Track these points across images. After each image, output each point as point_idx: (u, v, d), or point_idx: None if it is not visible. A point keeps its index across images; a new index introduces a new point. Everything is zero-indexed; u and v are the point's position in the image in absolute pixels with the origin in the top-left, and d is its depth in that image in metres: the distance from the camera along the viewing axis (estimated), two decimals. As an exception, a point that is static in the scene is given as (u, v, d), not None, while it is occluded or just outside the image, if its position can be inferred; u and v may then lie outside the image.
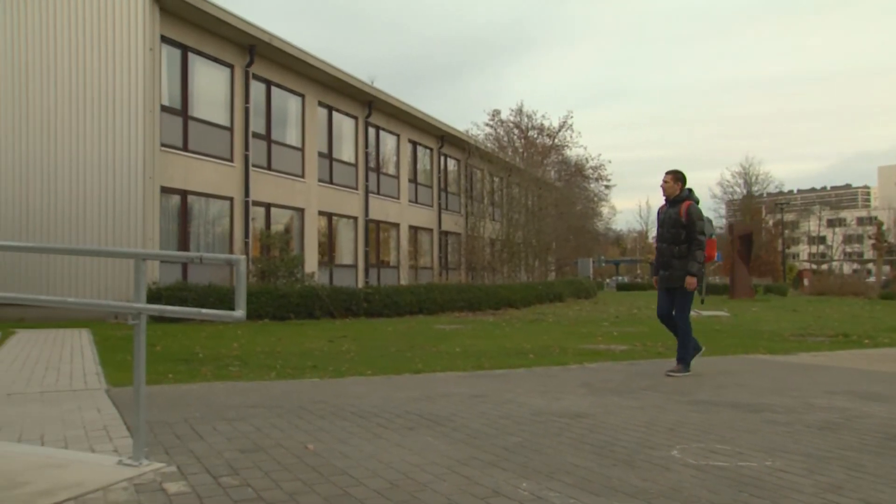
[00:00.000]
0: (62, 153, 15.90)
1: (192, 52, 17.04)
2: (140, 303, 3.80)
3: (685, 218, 7.39)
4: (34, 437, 4.48)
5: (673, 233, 7.47)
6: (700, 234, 7.35)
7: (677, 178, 7.59)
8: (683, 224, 7.40)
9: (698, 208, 7.46)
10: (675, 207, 7.49)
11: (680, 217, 7.41)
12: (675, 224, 7.46)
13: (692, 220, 7.36)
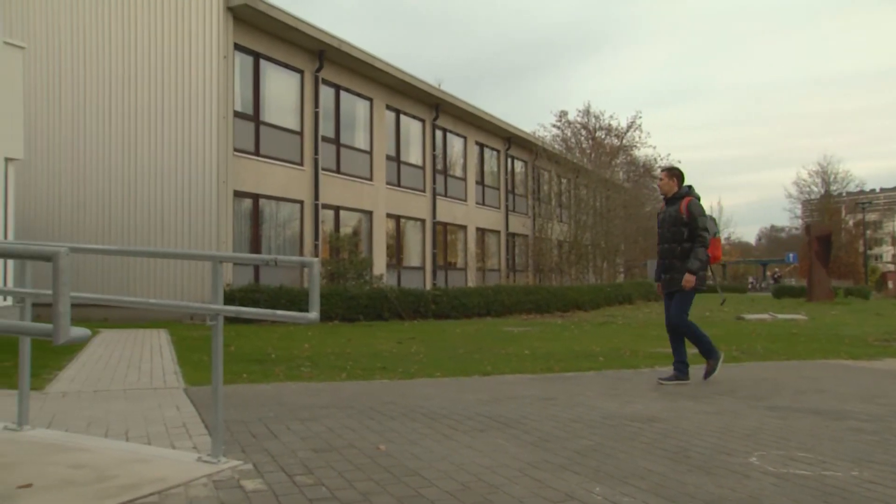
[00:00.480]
0: (142, 160, 16.45)
1: (264, 59, 17.42)
2: (217, 304, 3.90)
3: (686, 214, 6.94)
4: (119, 433, 4.64)
5: (674, 231, 7.03)
6: (703, 230, 6.89)
7: (672, 174, 7.20)
8: (685, 221, 6.95)
9: (700, 204, 7.01)
10: (675, 205, 7.06)
11: (680, 214, 6.97)
12: (675, 222, 7.02)
13: (693, 217, 6.90)
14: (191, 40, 16.07)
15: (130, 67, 16.67)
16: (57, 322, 2.47)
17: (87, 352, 9.24)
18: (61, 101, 17.52)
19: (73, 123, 17.32)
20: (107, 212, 16.83)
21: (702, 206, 7.00)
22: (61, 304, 2.48)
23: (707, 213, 7.04)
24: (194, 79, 15.98)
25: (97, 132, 17.01)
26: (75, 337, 2.54)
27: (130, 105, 16.65)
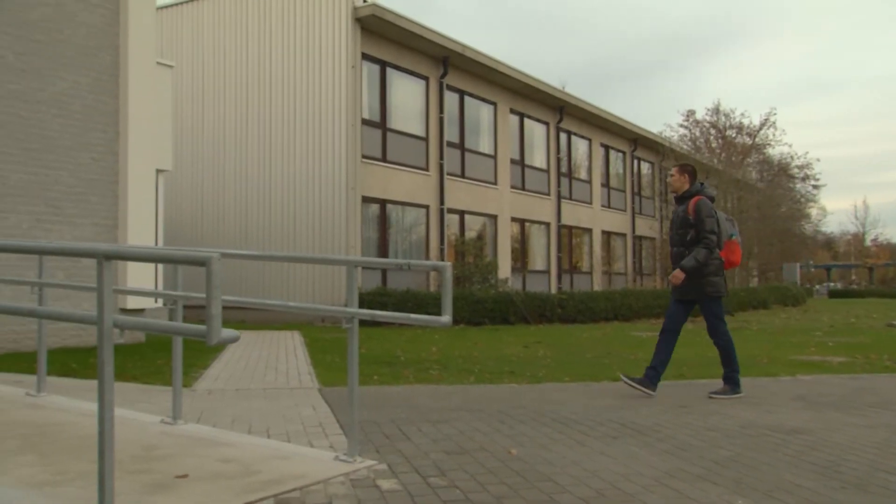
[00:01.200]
0: (276, 169, 17.19)
1: (390, 67, 17.82)
2: (353, 307, 4.01)
3: (693, 215, 6.41)
4: (261, 430, 4.86)
5: (681, 233, 6.52)
6: (710, 232, 6.31)
7: (683, 170, 6.67)
8: (691, 223, 6.43)
9: (709, 204, 6.43)
10: (684, 205, 6.55)
11: (688, 215, 6.46)
12: (682, 223, 6.51)
13: (700, 218, 6.35)
14: (321, 52, 16.65)
15: (266, 81, 17.45)
16: (210, 324, 2.61)
17: (229, 352, 9.72)
18: (204, 116, 18.56)
19: (213, 136, 18.32)
20: (244, 219, 17.68)
21: (712, 207, 6.45)
22: (213, 307, 2.61)
23: (723, 215, 6.61)
24: (324, 89, 16.55)
25: (235, 143, 17.90)
26: (226, 338, 2.67)
27: (266, 117, 17.43)
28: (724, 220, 6.56)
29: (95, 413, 4.74)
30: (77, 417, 4.74)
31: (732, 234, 6.59)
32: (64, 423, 4.57)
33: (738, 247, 6.62)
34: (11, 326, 9.37)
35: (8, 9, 9.50)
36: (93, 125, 10.45)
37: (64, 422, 4.62)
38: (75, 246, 3.20)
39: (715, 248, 6.38)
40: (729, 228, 6.57)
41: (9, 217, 9.49)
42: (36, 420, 4.61)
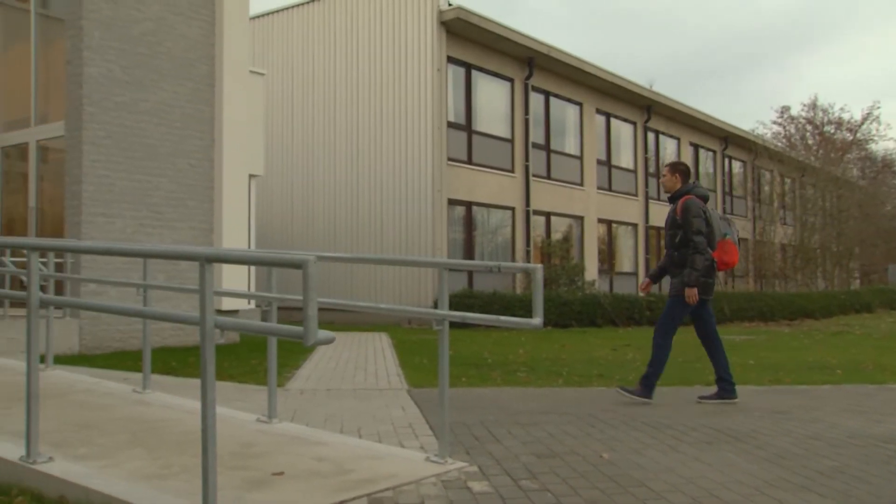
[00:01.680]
0: (363, 173, 17.46)
1: (475, 70, 17.86)
2: (444, 309, 4.03)
3: (680, 216, 6.20)
4: (353, 430, 4.94)
5: (671, 235, 6.34)
6: (696, 233, 6.07)
7: (675, 169, 6.46)
8: (679, 223, 6.23)
9: (698, 203, 6.18)
10: (675, 205, 6.36)
11: (676, 216, 6.26)
12: (672, 224, 6.33)
13: (687, 219, 6.13)
14: (407, 56, 16.84)
15: (353, 87, 17.76)
16: (307, 325, 2.67)
17: (319, 353, 9.92)
18: (293, 121, 19.03)
19: (303, 141, 18.76)
20: (332, 222, 18.03)
21: (700, 206, 6.19)
22: (310, 308, 2.67)
23: (717, 213, 6.35)
24: (411, 93, 16.72)
25: (324, 148, 18.28)
26: (322, 339, 2.73)
27: (353, 121, 17.73)
28: (718, 219, 6.36)
29: (196, 410, 4.92)
30: (179, 414, 4.93)
31: (726, 233, 6.33)
32: (167, 420, 4.76)
33: (733, 246, 6.33)
34: (118, 326, 9.82)
35: (115, 25, 9.97)
36: (190, 133, 10.86)
37: (167, 418, 4.81)
38: (178, 249, 3.34)
39: (704, 249, 6.16)
40: (723, 228, 6.34)
41: (115, 222, 9.96)
42: (142, 416, 4.82)
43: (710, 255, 6.22)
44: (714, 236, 6.25)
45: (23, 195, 11.21)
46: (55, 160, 10.81)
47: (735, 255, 6.34)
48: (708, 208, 6.29)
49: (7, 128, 11.26)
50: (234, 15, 11.39)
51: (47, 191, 10.98)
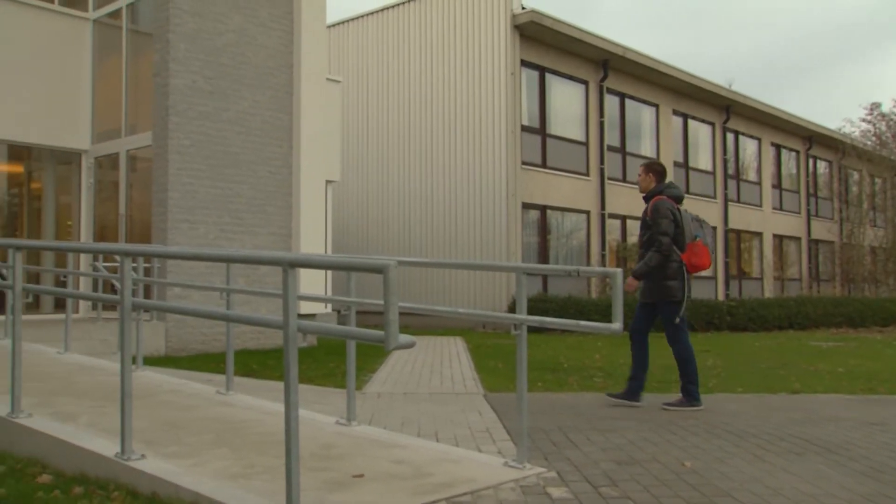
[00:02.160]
0: (437, 178, 17.57)
1: (549, 73, 17.76)
2: (522, 314, 4.02)
3: (650, 216, 6.18)
4: (430, 434, 4.97)
5: (641, 235, 6.34)
6: (662, 234, 6.03)
7: (649, 169, 6.45)
8: (649, 224, 6.18)
9: (667, 204, 6.14)
10: (647, 205, 6.31)
11: (647, 216, 6.23)
12: (643, 225, 6.31)
13: (655, 219, 6.10)
14: (480, 61, 16.87)
15: (427, 92, 17.89)
16: (388, 329, 2.70)
17: (395, 357, 10.01)
18: (368, 128, 19.29)
19: (378, 147, 18.99)
20: (406, 226, 18.18)
21: (670, 207, 6.15)
22: (391, 313, 2.71)
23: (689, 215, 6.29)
24: (484, 97, 16.75)
25: (398, 153, 18.47)
26: (403, 343, 2.75)
27: (427, 126, 17.86)
28: (690, 221, 6.26)
29: (277, 412, 5.03)
30: (260, 415, 5.04)
31: (697, 235, 6.24)
32: (249, 420, 4.88)
33: (703, 249, 6.24)
34: (201, 329, 10.13)
35: (199, 38, 10.31)
36: (270, 140, 11.13)
37: (249, 419, 4.93)
38: (262, 254, 3.42)
39: (670, 250, 6.09)
40: (694, 229, 6.24)
41: (199, 227, 10.28)
42: (226, 416, 4.96)
43: (678, 256, 6.18)
44: (684, 238, 6.21)
45: (114, 203, 11.68)
46: (143, 169, 11.23)
47: (706, 257, 6.26)
48: (680, 209, 6.28)
49: (100, 139, 11.76)
50: (311, 24, 11.62)
51: (136, 198, 11.42)
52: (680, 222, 6.19)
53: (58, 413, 4.64)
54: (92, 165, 11.85)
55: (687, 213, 6.33)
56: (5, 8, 11.19)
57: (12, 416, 4.39)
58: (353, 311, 4.88)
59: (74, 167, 11.98)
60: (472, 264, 5.82)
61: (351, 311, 4.87)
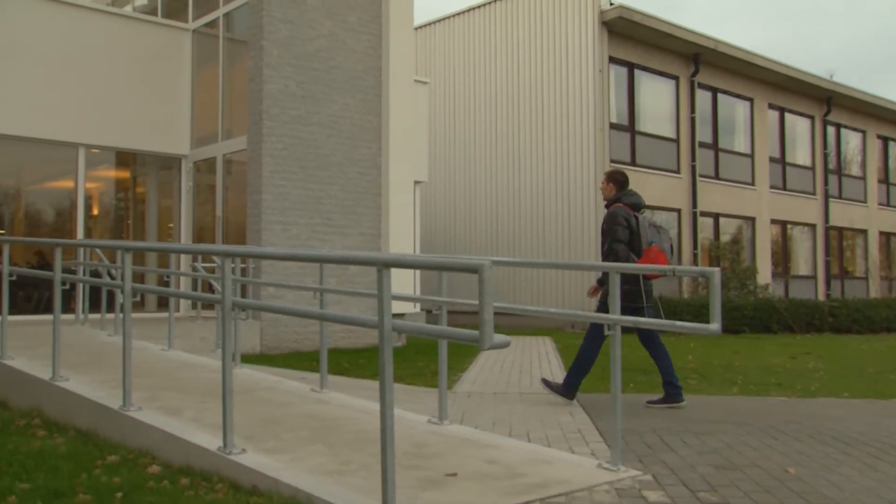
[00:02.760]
0: (524, 176, 17.49)
1: (638, 69, 17.43)
2: (616, 314, 3.95)
3: (605, 224, 6.34)
4: (521, 434, 4.95)
5: (602, 243, 6.40)
6: (616, 241, 6.16)
7: (610, 178, 6.56)
8: (605, 231, 6.33)
9: (621, 212, 6.26)
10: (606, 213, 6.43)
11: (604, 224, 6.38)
12: (602, 232, 6.42)
13: (610, 227, 6.26)
14: (567, 59, 16.71)
15: (514, 91, 17.84)
16: (483, 329, 2.71)
17: (483, 356, 10.02)
18: (455, 128, 19.38)
19: (465, 146, 19.05)
20: (494, 226, 18.18)
21: (625, 215, 6.26)
22: (486, 313, 2.71)
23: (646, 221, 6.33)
24: (572, 95, 16.58)
25: (485, 153, 18.48)
26: (497, 343, 2.76)
27: (514, 126, 17.81)
28: (647, 227, 6.32)
29: (370, 410, 5.11)
30: (355, 413, 5.13)
31: (653, 241, 6.30)
32: (344, 418, 4.97)
33: (659, 254, 6.28)
34: (294, 328, 10.39)
35: (291, 44, 10.59)
36: (359, 142, 11.32)
37: (344, 416, 5.02)
38: (357, 255, 3.48)
39: (627, 257, 6.22)
40: (650, 235, 6.30)
41: (291, 228, 10.55)
42: (321, 414, 5.06)
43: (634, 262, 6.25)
44: (640, 244, 6.27)
45: (211, 205, 12.11)
46: (238, 172, 11.60)
47: (661, 261, 6.30)
48: (637, 216, 6.33)
49: (198, 144, 12.22)
50: (399, 27, 11.76)
51: (231, 201, 11.81)
52: (636, 229, 6.28)
53: (164, 407, 4.84)
54: (191, 170, 12.32)
55: (644, 219, 6.38)
56: (112, 23, 11.77)
57: (124, 409, 4.60)
58: (444, 310, 4.91)
59: (175, 172, 12.47)
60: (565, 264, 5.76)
61: (442, 310, 4.90)
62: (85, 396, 5.01)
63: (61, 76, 10.94)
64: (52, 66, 10.88)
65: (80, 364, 6.25)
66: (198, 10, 12.54)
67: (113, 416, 4.65)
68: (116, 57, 11.47)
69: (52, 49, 10.91)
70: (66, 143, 11.14)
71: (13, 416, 5.28)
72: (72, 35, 11.14)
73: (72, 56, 11.08)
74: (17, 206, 11.82)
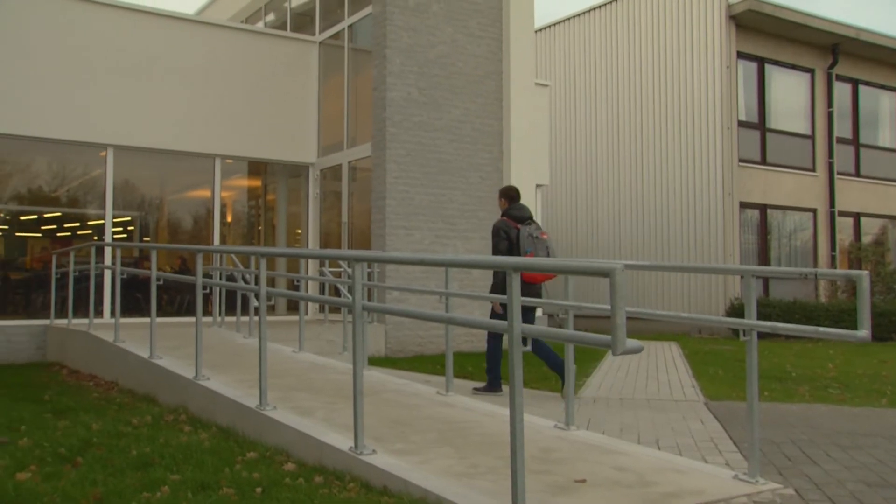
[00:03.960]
0: (648, 178, 17.07)
1: (769, 63, 16.68)
2: (752, 319, 3.79)
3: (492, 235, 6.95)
4: (650, 441, 4.82)
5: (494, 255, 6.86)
6: (497, 252, 6.75)
7: (502, 194, 7.23)
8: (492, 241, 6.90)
9: (501, 225, 6.87)
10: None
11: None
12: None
13: (492, 239, 6.88)
14: (692, 56, 16.19)
15: (636, 91, 17.46)
16: (615, 334, 2.65)
17: (607, 361, 9.84)
18: (576, 130, 19.15)
19: (586, 149, 18.79)
20: (616, 228, 17.83)
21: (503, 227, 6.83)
22: (618, 317, 2.65)
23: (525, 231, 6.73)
24: (697, 93, 16.05)
25: (607, 155, 18.16)
26: (630, 348, 2.69)
27: (636, 126, 17.42)
28: (525, 238, 6.72)
29: (496, 414, 5.12)
30: (480, 417, 5.15)
31: (528, 249, 6.69)
32: (470, 421, 5.00)
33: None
34: (418, 332, 10.55)
35: (414, 52, 10.78)
36: (480, 147, 11.38)
37: (470, 420, 5.05)
38: (485, 259, 3.50)
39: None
40: (527, 245, 6.69)
41: (414, 233, 10.72)
42: (447, 417, 5.11)
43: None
44: (519, 253, 6.69)
45: (336, 211, 12.48)
46: (362, 178, 11.90)
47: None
48: (519, 228, 6.79)
49: (325, 152, 12.63)
50: (519, 31, 11.75)
51: (356, 207, 12.13)
52: (514, 240, 6.75)
53: (297, 407, 5.01)
54: (318, 177, 12.74)
55: (525, 230, 6.80)
56: (246, 39, 12.36)
57: (261, 409, 4.81)
58: (570, 314, 4.86)
59: (303, 179, 12.94)
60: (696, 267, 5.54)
61: (569, 314, 4.85)
62: (225, 395, 5.27)
63: (200, 91, 11.58)
64: (192, 83, 11.53)
65: (219, 364, 6.58)
66: (324, 23, 12.98)
67: (251, 415, 4.86)
68: (249, 71, 12.02)
69: (192, 66, 11.57)
70: (204, 154, 11.78)
71: (162, 412, 5.61)
72: (210, 52, 11.77)
73: (209, 72, 11.70)
74: (160, 215, 12.57)
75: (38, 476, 3.96)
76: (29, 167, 11.07)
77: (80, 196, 11.55)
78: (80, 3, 10.85)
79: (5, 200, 10.78)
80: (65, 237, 11.35)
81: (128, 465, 4.14)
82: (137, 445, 4.57)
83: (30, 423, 5.37)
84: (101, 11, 11.00)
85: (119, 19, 11.14)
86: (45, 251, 11.13)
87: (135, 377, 6.88)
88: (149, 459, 4.24)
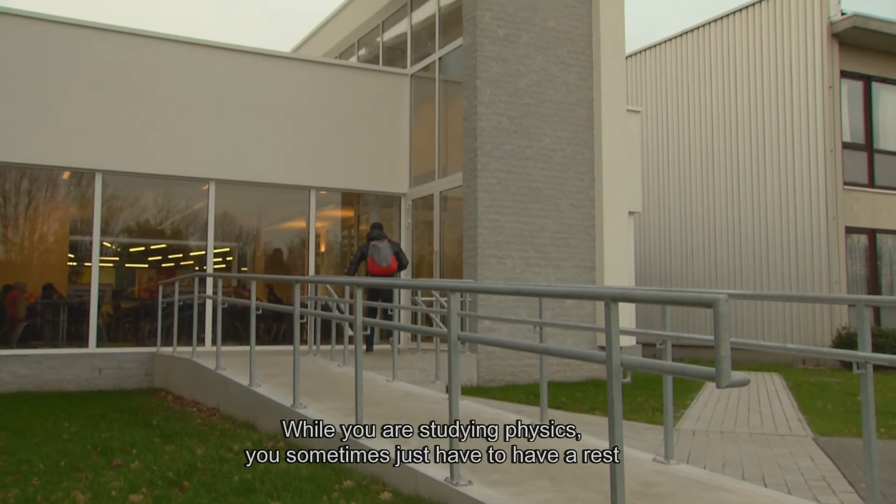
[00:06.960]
0: (745, 203, 16.56)
1: (876, 81, 16.01)
2: (866, 351, 3.60)
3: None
4: (755, 477, 4.63)
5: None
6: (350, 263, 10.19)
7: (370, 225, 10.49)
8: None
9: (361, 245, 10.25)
10: None
11: None
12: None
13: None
14: (792, 77, 15.70)
15: (731, 115, 17.03)
16: (720, 366, 2.57)
17: (706, 392, 9.53)
18: (669, 155, 18.80)
19: (679, 175, 18.41)
20: (712, 256, 17.33)
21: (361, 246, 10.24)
22: (723, 349, 2.57)
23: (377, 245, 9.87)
24: (797, 115, 15.53)
25: (701, 181, 17.74)
26: (736, 381, 2.60)
27: (732, 150, 16.96)
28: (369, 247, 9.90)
29: (592, 445, 5.01)
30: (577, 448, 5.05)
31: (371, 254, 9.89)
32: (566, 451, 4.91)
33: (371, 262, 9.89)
34: (510, 361, 10.50)
35: (504, 81, 10.85)
36: (571, 174, 11.31)
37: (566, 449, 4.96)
38: (582, 289, 3.45)
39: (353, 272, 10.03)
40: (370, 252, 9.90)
41: (505, 262, 10.71)
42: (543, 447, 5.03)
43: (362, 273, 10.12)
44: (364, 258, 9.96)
45: (427, 240, 12.60)
46: (453, 208, 11.99)
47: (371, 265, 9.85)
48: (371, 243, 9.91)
49: (416, 182, 12.81)
50: (610, 57, 11.67)
51: (447, 236, 12.21)
52: (365, 251, 9.93)
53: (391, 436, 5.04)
54: (410, 207, 12.91)
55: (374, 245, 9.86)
56: (340, 74, 12.71)
57: (357, 437, 4.86)
58: (668, 345, 4.73)
59: (395, 209, 13.14)
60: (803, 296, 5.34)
61: (667, 345, 4.73)
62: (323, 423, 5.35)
63: (297, 125, 11.96)
64: (289, 118, 11.92)
65: (315, 392, 6.69)
66: (415, 55, 13.23)
67: (348, 443, 4.92)
68: (344, 104, 12.35)
69: (289, 101, 11.96)
70: (300, 186, 12.12)
71: (262, 438, 5.75)
72: (306, 87, 12.16)
73: (305, 106, 12.07)
74: (256, 245, 12.98)
75: (149, 499, 4.11)
76: (137, 201, 11.64)
77: (184, 228, 12.05)
78: (188, 47, 11.41)
79: (116, 233, 11.35)
80: (169, 267, 11.86)
81: (231, 491, 4.26)
82: (239, 471, 4.69)
83: (140, 446, 5.59)
84: (206, 53, 11.52)
85: (221, 59, 11.64)
86: (152, 281, 11.64)
87: (235, 404, 7.08)
88: (250, 485, 4.35)
